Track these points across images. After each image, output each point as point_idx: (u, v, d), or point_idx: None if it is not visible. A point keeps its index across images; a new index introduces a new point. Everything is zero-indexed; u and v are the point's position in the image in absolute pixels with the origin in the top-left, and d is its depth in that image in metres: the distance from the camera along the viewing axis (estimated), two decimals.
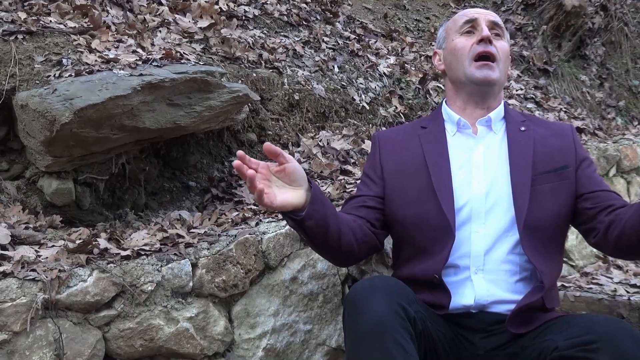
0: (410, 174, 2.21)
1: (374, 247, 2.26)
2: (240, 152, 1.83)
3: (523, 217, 2.09)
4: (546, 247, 2.13)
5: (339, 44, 4.42)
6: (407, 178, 2.21)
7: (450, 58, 2.29)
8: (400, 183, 2.22)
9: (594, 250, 3.52)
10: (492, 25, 2.24)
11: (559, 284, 2.27)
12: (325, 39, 4.37)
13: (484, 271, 2.10)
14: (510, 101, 4.82)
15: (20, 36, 2.95)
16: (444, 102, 2.36)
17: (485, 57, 2.20)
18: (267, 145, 1.88)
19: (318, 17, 4.65)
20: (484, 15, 2.26)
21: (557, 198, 2.15)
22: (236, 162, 1.81)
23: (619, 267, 3.42)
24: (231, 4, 4.09)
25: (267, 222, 2.58)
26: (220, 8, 3.94)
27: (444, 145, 2.24)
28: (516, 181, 2.14)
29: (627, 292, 3.01)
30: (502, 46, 2.23)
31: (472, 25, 2.25)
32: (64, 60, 2.84)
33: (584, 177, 2.20)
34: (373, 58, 4.46)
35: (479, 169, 2.19)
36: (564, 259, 3.17)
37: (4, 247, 2.24)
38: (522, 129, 2.25)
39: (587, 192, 2.17)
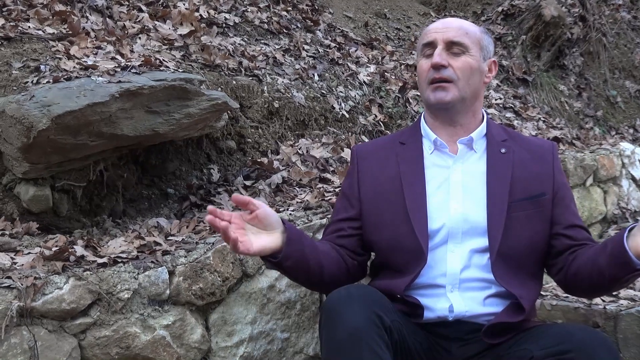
0: (386, 196, 2.19)
1: (358, 274, 2.29)
2: (210, 207, 1.88)
3: (496, 247, 2.09)
4: (521, 273, 2.12)
5: (319, 52, 4.43)
6: (383, 200, 2.20)
7: (417, 79, 2.32)
8: (377, 205, 2.20)
9: None
10: (450, 45, 2.18)
11: None
12: (306, 47, 4.38)
13: (460, 289, 2.11)
14: (489, 110, 4.85)
15: None
16: (422, 116, 2.35)
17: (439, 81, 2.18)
18: (235, 196, 1.94)
19: (299, 25, 4.66)
20: (442, 35, 2.20)
21: (533, 226, 2.14)
22: (208, 217, 1.84)
23: None
24: (212, 12, 4.09)
25: None
26: (200, 15, 3.94)
27: (420, 165, 2.22)
28: (492, 208, 2.13)
29: (603, 300, 3.03)
30: (460, 64, 2.18)
31: (430, 47, 2.22)
32: (42, 67, 2.83)
33: (559, 208, 2.22)
34: (353, 66, 4.47)
35: (457, 189, 2.18)
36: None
37: None
38: (503, 150, 2.22)
39: (559, 225, 2.19)
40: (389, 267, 2.20)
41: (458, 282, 2.11)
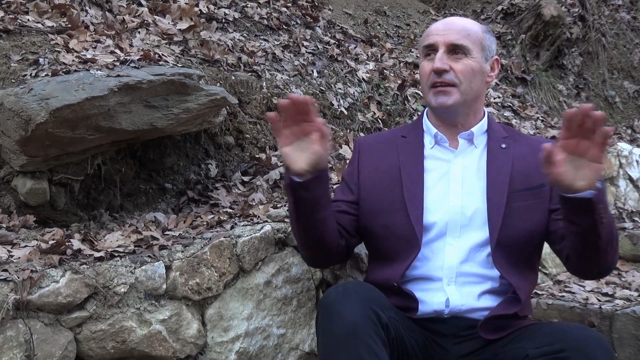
0: (385, 184, 2.23)
1: (345, 254, 2.31)
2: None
3: (496, 235, 2.11)
4: (519, 263, 2.14)
5: (318, 48, 4.42)
6: (381, 188, 2.24)
7: (419, 79, 2.34)
8: (374, 192, 2.24)
9: None
10: (452, 48, 2.18)
11: None
12: (305, 43, 4.38)
13: (457, 283, 2.12)
14: (488, 109, 4.84)
15: None
16: (425, 112, 2.36)
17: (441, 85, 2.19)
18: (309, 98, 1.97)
19: (298, 22, 4.66)
20: (443, 38, 2.19)
21: (532, 216, 2.16)
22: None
23: None
24: (211, 7, 4.08)
25: (242, 225, 2.57)
26: (200, 10, 3.93)
27: (420, 158, 2.25)
28: (491, 198, 2.15)
29: (599, 300, 3.04)
30: (462, 68, 2.17)
31: (431, 49, 2.21)
32: (41, 60, 2.83)
33: (557, 196, 2.22)
34: (352, 63, 4.47)
35: (457, 182, 2.20)
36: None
37: None
38: (503, 146, 2.25)
39: (558, 209, 2.16)
40: (382, 255, 2.22)
41: (455, 275, 2.12)
